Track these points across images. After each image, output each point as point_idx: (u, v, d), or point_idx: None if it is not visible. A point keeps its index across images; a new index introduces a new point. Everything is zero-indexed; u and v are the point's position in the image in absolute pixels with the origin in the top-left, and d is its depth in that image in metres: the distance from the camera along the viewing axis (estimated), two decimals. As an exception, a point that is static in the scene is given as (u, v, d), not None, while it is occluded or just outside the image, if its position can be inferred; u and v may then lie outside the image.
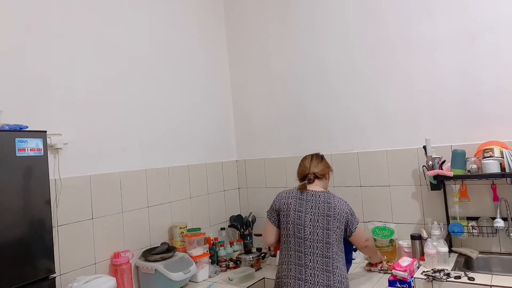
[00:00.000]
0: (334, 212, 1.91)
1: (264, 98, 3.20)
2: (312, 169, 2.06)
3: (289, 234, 1.94)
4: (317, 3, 2.92)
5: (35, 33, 2.00)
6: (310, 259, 1.86)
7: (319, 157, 2.15)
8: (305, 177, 2.05)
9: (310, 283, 1.82)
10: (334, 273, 1.83)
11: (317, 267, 1.84)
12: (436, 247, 2.14)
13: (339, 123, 2.83)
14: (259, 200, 3.21)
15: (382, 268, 2.29)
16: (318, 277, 1.83)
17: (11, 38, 1.90)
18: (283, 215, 1.99)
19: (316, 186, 2.03)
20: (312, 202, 1.95)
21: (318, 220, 1.90)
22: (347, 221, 1.94)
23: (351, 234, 1.97)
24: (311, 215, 1.92)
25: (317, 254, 1.86)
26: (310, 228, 1.90)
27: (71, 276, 1.98)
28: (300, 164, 2.14)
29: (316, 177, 2.05)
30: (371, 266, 2.34)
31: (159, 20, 2.75)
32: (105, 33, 2.36)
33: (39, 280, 1.62)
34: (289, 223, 1.95)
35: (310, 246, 1.88)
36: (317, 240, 1.88)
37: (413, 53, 2.53)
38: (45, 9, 2.06)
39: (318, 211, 1.92)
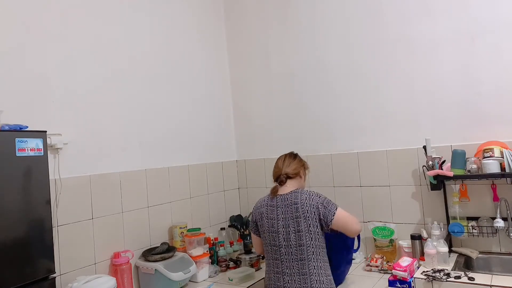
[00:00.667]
0: (302, 211, 1.84)
1: (264, 98, 3.20)
2: (284, 169, 1.99)
3: (266, 243, 1.93)
4: (317, 3, 2.92)
5: (35, 33, 2.00)
6: (287, 266, 1.84)
7: (292, 156, 2.08)
8: (278, 178, 1.99)
9: None
10: (311, 274, 1.79)
11: (294, 273, 1.82)
12: (436, 247, 2.14)
13: (339, 123, 2.83)
14: (259, 200, 3.20)
15: (382, 268, 2.29)
16: (295, 282, 1.80)
17: (11, 38, 1.90)
18: (260, 225, 1.97)
19: (287, 188, 1.96)
20: (281, 208, 1.90)
21: (289, 225, 1.85)
22: (319, 214, 1.83)
23: (329, 225, 1.84)
24: (282, 220, 1.88)
25: (292, 259, 1.83)
26: (283, 234, 1.86)
27: (71, 276, 1.98)
28: (274, 165, 2.07)
29: (288, 177, 1.98)
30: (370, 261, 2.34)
31: (159, 20, 2.75)
32: (105, 33, 2.36)
33: (39, 280, 1.62)
34: (265, 232, 1.94)
35: (285, 252, 1.85)
36: (290, 245, 1.84)
37: (413, 53, 2.53)
38: (45, 9, 2.06)
39: (288, 215, 1.87)
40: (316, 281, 1.79)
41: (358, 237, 2.15)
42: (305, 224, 1.83)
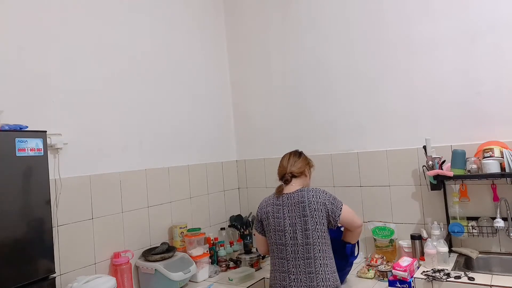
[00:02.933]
0: (310, 210, 1.85)
1: (264, 98, 3.20)
2: (289, 168, 1.99)
3: (272, 242, 1.93)
4: (317, 3, 2.92)
5: (35, 33, 2.00)
6: (293, 265, 1.84)
7: (297, 154, 2.07)
8: (283, 176, 2.00)
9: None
10: (318, 272, 1.80)
11: (300, 271, 1.82)
12: (436, 247, 2.14)
13: (339, 123, 2.83)
14: (259, 200, 3.14)
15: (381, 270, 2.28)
16: (301, 281, 1.81)
17: (11, 38, 1.90)
18: (265, 224, 1.97)
19: (293, 186, 1.96)
20: (288, 206, 1.90)
21: (296, 224, 1.86)
22: (328, 211, 1.85)
23: (337, 221, 1.86)
24: (289, 219, 1.88)
25: (298, 258, 1.84)
26: (290, 233, 1.86)
27: (71, 276, 1.98)
28: (279, 164, 2.07)
29: (293, 176, 1.98)
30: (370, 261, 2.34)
31: (159, 20, 2.75)
32: (105, 33, 2.36)
33: (39, 280, 1.62)
34: (270, 231, 1.94)
35: (291, 251, 1.85)
36: (297, 244, 1.84)
37: (413, 53, 2.53)
38: (45, 9, 2.06)
39: (295, 214, 1.87)
40: (322, 279, 1.80)
41: (357, 243, 2.15)
42: (312, 222, 1.84)
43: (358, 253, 2.20)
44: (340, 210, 1.87)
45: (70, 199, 2.05)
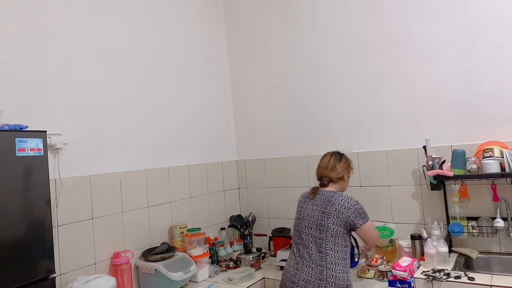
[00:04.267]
0: (331, 210, 1.91)
1: (264, 98, 3.20)
2: (328, 172, 2.03)
3: (293, 228, 2.08)
4: (317, 3, 2.92)
5: (35, 33, 2.00)
6: (307, 252, 1.94)
7: (337, 157, 2.08)
8: (321, 179, 2.06)
9: (305, 274, 1.90)
10: (328, 268, 1.87)
11: (313, 260, 1.91)
12: (436, 247, 2.14)
13: (339, 123, 2.83)
14: (259, 200, 3.21)
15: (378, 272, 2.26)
16: (312, 269, 1.89)
17: (12, 38, 1.90)
18: (296, 212, 2.12)
19: (328, 188, 2.03)
20: (315, 200, 2.01)
21: (313, 215, 1.96)
22: (348, 220, 1.89)
23: (358, 228, 1.91)
24: (310, 210, 2.00)
25: (311, 248, 1.93)
26: (306, 222, 1.99)
27: (71, 276, 1.98)
28: (318, 163, 2.10)
29: (331, 180, 2.03)
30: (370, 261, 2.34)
31: (159, 20, 2.75)
32: (105, 33, 2.36)
33: (39, 280, 1.62)
34: (295, 218, 2.09)
35: (305, 239, 1.97)
36: (311, 234, 1.95)
37: (413, 53, 2.53)
38: (45, 9, 2.06)
39: (317, 207, 1.97)
40: (333, 276, 1.85)
41: (358, 249, 2.14)
42: (329, 221, 1.91)
43: (358, 260, 2.18)
44: (360, 225, 1.90)
45: (70, 199, 2.05)
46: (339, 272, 1.86)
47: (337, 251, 1.89)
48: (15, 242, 1.55)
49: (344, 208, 1.90)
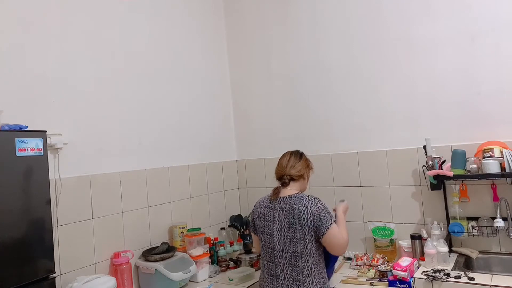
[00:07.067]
0: (299, 219, 1.79)
1: (264, 98, 3.20)
2: (289, 170, 1.92)
3: (262, 244, 1.92)
4: (317, 3, 2.92)
5: (34, 33, 2.00)
6: (281, 270, 1.82)
7: (298, 156, 2.00)
8: (281, 178, 1.94)
9: None
10: (305, 281, 1.77)
11: (287, 277, 1.79)
12: (436, 247, 2.14)
13: (339, 123, 2.83)
14: (259, 200, 3.20)
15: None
16: (288, 286, 1.78)
17: (11, 37, 1.90)
18: (258, 225, 1.95)
19: (289, 190, 1.91)
20: (279, 211, 1.86)
21: (284, 229, 1.82)
22: (315, 225, 1.77)
23: (322, 237, 1.78)
24: (278, 224, 1.85)
25: (286, 264, 1.81)
26: (278, 238, 1.83)
27: (71, 276, 1.98)
28: (278, 163, 2.00)
29: (292, 179, 1.92)
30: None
31: (159, 20, 2.75)
32: (106, 33, 2.36)
33: (39, 280, 1.62)
34: (261, 233, 1.92)
35: (279, 256, 1.82)
36: (285, 250, 1.81)
37: (413, 53, 2.53)
38: (45, 9, 2.06)
39: (284, 219, 1.83)
40: None
41: (335, 260, 2.01)
42: (301, 231, 1.79)
43: (333, 271, 2.09)
44: (326, 230, 1.77)
45: (70, 199, 2.05)
46: (316, 284, 1.77)
47: (313, 261, 1.79)
48: (15, 242, 1.55)
49: (309, 216, 1.78)
